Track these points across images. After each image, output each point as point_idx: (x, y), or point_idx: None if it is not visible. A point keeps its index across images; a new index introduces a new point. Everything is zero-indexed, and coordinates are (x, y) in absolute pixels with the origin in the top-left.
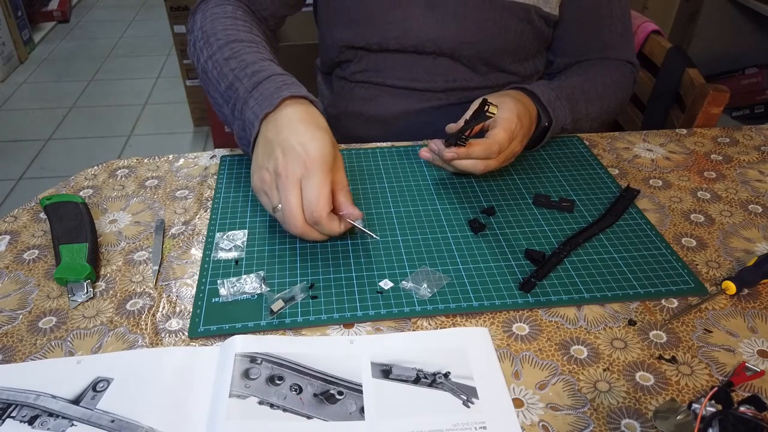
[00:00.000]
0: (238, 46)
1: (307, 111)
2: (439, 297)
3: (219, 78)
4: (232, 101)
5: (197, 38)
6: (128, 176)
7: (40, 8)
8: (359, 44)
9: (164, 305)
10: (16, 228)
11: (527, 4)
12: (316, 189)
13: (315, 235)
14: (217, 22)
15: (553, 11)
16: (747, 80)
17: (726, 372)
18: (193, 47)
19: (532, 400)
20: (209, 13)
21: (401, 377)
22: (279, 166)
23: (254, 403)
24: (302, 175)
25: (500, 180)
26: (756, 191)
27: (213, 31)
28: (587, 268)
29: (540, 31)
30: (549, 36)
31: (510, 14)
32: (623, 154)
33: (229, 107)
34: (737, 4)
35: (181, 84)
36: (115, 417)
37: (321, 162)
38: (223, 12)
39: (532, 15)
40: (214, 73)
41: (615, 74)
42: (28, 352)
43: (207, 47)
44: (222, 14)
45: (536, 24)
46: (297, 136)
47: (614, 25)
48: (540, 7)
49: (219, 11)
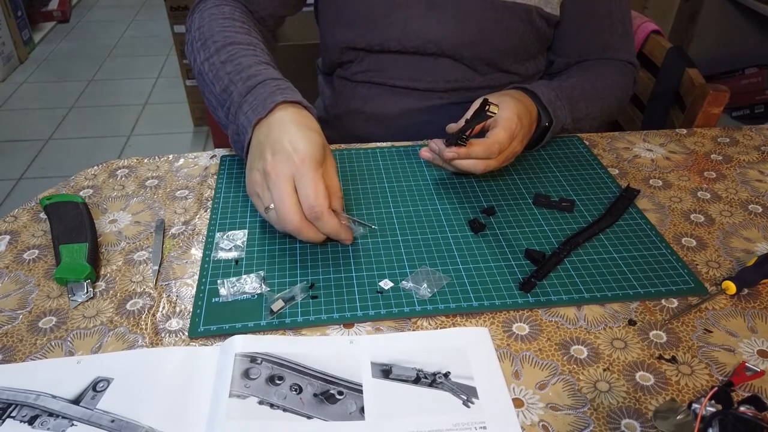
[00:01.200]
0: (234, 48)
1: (300, 114)
2: (439, 297)
3: (214, 81)
4: (226, 105)
5: (194, 39)
6: (128, 176)
7: (40, 8)
8: (360, 45)
9: (164, 305)
10: (16, 228)
11: (528, 5)
12: (312, 184)
13: (312, 233)
14: (215, 23)
15: (554, 11)
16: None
17: (726, 372)
18: (191, 47)
19: (532, 400)
20: (207, 14)
21: (401, 377)
22: (268, 165)
23: (254, 403)
24: (294, 173)
25: (500, 180)
26: (756, 191)
27: (210, 33)
28: (587, 268)
29: (541, 31)
30: (550, 36)
31: (511, 15)
32: (623, 154)
33: (224, 110)
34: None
35: (181, 84)
36: (115, 417)
37: (311, 159)
38: (221, 13)
39: (533, 15)
40: (210, 75)
41: (615, 75)
42: (28, 352)
43: (204, 49)
44: (220, 15)
45: (537, 24)
46: (288, 136)
47: (614, 26)
48: (541, 7)
49: (217, 12)
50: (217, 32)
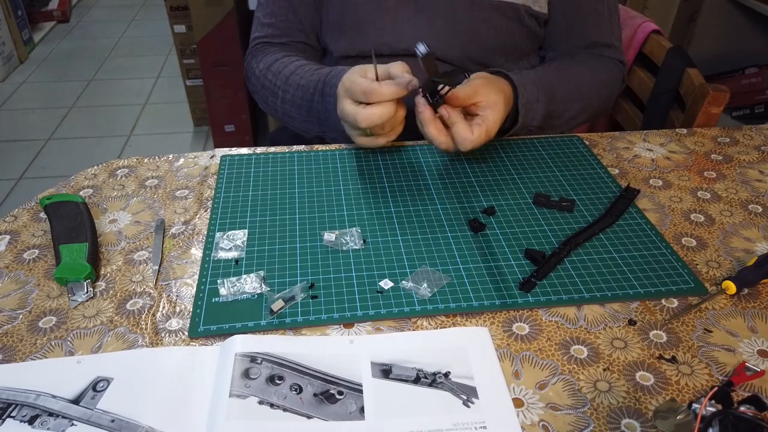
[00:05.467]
0: (293, 78)
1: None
2: (439, 297)
3: (298, 110)
4: (314, 116)
5: (256, 87)
6: (128, 176)
7: (40, 8)
8: (353, 53)
9: (164, 305)
10: (16, 228)
11: (516, 4)
12: (355, 82)
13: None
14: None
15: (543, 10)
16: (747, 80)
17: (726, 372)
18: (257, 95)
19: (532, 400)
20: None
21: (401, 377)
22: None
23: (254, 403)
24: (345, 93)
25: (500, 180)
26: (756, 191)
27: (273, 80)
28: (587, 268)
29: (531, 29)
30: (541, 35)
31: (499, 14)
32: (623, 154)
33: (314, 119)
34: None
35: (181, 84)
36: (115, 417)
37: (347, 76)
38: (271, 59)
39: (521, 14)
40: (292, 111)
41: (602, 72)
42: (28, 352)
43: (273, 96)
44: (273, 60)
45: (527, 23)
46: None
47: (602, 24)
48: (529, 6)
49: (270, 59)
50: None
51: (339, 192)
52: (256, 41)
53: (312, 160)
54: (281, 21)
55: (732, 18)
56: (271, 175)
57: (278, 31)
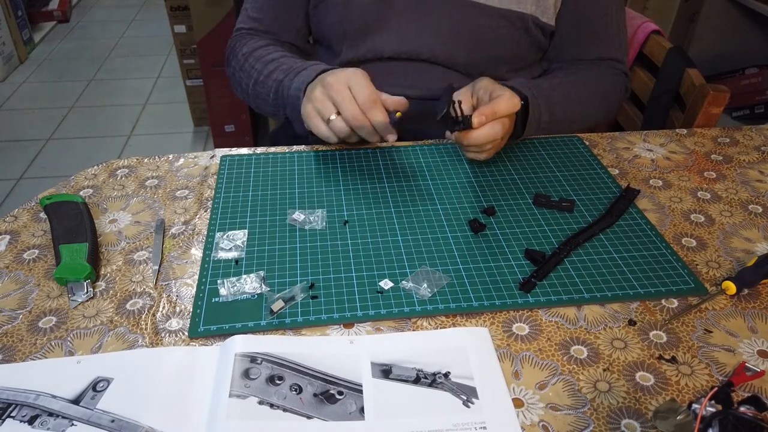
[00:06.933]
0: (272, 65)
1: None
2: (439, 297)
3: (266, 93)
4: (280, 97)
5: (235, 69)
6: (128, 176)
7: (40, 8)
8: (357, 57)
9: (164, 305)
10: (16, 228)
11: (524, 13)
12: (365, 82)
13: (368, 127)
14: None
15: (550, 21)
16: (747, 80)
17: (726, 372)
18: (234, 77)
19: (532, 400)
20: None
21: (401, 377)
22: (326, 80)
23: (254, 403)
24: (348, 80)
25: (500, 180)
26: (756, 191)
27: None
28: (587, 268)
29: (537, 40)
30: (546, 46)
31: (506, 23)
32: (623, 154)
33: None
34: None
35: (181, 84)
36: (115, 417)
37: (362, 72)
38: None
39: (528, 24)
40: (263, 92)
41: (605, 83)
42: (28, 352)
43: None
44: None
45: (533, 33)
46: (337, 70)
47: (610, 40)
48: (537, 16)
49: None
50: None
51: (339, 192)
52: (241, 31)
53: (312, 160)
54: (269, 18)
55: (732, 18)
56: (271, 175)
57: (264, 27)
